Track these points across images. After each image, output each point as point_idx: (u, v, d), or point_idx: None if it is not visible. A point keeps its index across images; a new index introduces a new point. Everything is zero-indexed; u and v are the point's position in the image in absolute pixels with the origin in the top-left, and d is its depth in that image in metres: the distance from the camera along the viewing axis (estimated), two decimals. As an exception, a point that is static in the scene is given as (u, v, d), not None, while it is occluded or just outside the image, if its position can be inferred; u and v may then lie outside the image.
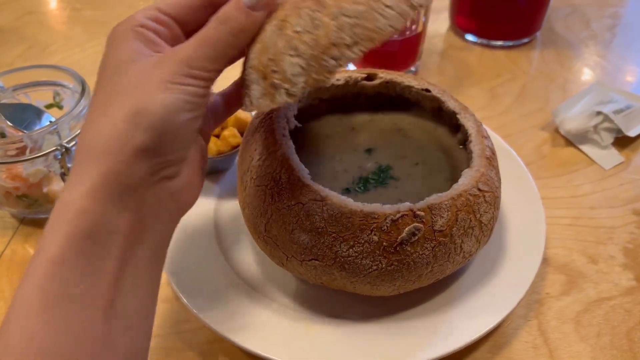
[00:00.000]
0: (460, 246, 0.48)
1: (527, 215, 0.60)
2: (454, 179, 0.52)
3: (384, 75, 0.62)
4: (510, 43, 0.91)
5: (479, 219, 0.49)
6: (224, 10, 0.33)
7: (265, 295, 0.54)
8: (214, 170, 0.66)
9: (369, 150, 0.58)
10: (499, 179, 0.54)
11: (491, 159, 0.53)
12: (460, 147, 0.58)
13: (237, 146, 0.65)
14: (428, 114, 0.62)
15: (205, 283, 0.55)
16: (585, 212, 0.67)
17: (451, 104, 0.59)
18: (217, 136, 0.66)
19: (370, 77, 0.62)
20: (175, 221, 0.37)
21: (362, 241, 0.46)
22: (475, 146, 0.54)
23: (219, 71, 0.34)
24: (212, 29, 0.33)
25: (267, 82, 0.34)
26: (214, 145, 0.63)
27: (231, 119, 0.66)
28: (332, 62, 0.32)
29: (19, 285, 0.30)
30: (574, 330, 0.54)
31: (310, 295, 0.55)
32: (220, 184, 0.66)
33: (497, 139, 0.68)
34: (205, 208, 0.63)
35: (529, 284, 0.53)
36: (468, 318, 0.51)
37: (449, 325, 0.51)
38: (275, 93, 0.34)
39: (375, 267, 0.46)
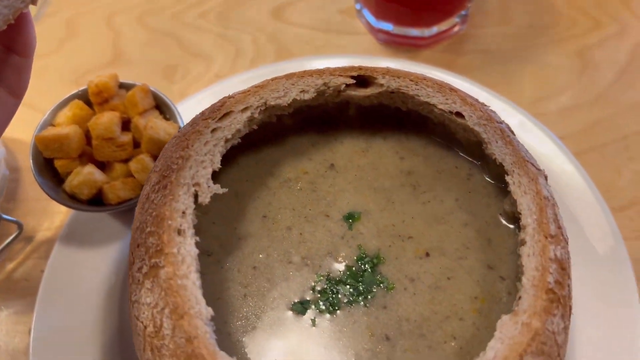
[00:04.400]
0: None
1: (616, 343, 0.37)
2: (487, 294, 0.29)
3: (387, 80, 0.36)
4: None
5: None
6: None
7: None
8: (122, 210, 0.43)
9: (350, 217, 0.35)
10: (569, 314, 0.30)
11: (556, 289, 0.29)
12: (504, 221, 0.34)
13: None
14: (459, 146, 0.37)
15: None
16: None
17: (498, 150, 0.33)
18: (126, 161, 0.41)
19: (363, 82, 0.37)
20: None
21: None
22: (529, 259, 0.30)
23: None
24: None
25: None
26: (110, 192, 0.39)
27: (144, 140, 0.40)
28: None
29: None
30: None
31: None
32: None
33: (572, 174, 0.43)
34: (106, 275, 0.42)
35: None
36: None
37: None
38: None
39: None
